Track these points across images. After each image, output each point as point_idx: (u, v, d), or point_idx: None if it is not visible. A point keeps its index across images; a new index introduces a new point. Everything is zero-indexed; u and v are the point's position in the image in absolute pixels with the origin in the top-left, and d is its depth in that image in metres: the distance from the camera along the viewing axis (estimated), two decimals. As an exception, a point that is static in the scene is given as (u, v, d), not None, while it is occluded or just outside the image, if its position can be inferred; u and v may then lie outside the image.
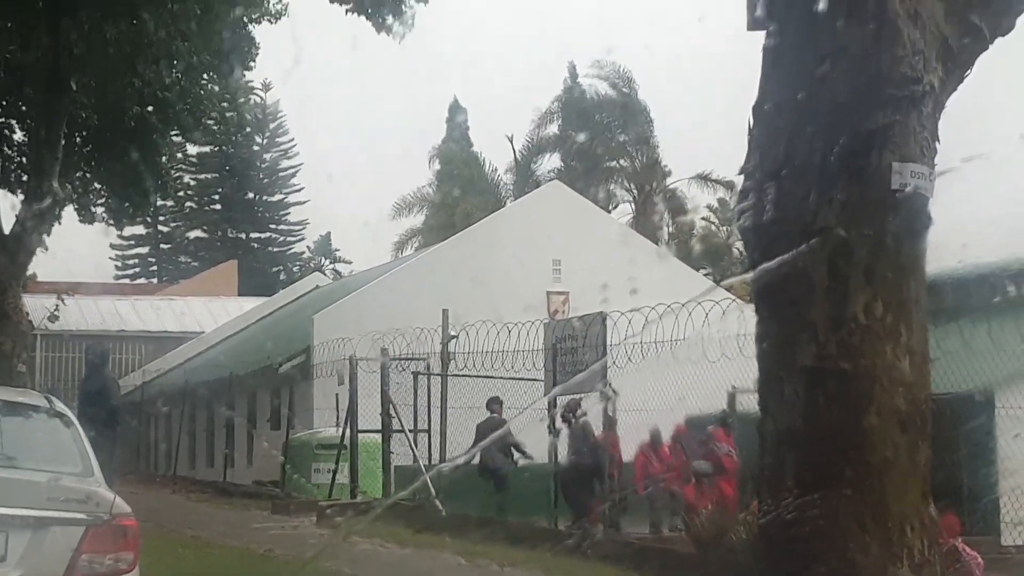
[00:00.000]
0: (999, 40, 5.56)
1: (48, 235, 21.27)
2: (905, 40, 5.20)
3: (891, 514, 4.99)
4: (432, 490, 18.35)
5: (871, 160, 5.15)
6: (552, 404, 19.74)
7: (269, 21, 24.07)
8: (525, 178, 51.32)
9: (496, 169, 54.64)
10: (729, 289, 18.98)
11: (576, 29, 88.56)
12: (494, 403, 20.34)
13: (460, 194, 51.97)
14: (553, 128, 53.01)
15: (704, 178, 49.56)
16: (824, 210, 5.18)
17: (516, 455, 20.47)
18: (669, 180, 51.31)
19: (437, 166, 56.58)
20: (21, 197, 23.01)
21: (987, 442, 16.71)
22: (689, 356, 15.65)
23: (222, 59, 23.98)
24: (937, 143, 5.33)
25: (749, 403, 18.17)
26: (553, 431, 19.40)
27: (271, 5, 23.86)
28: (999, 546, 15.96)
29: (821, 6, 5.24)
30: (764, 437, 5.40)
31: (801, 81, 5.24)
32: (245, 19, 23.41)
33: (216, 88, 25.99)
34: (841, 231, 5.13)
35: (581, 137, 50.90)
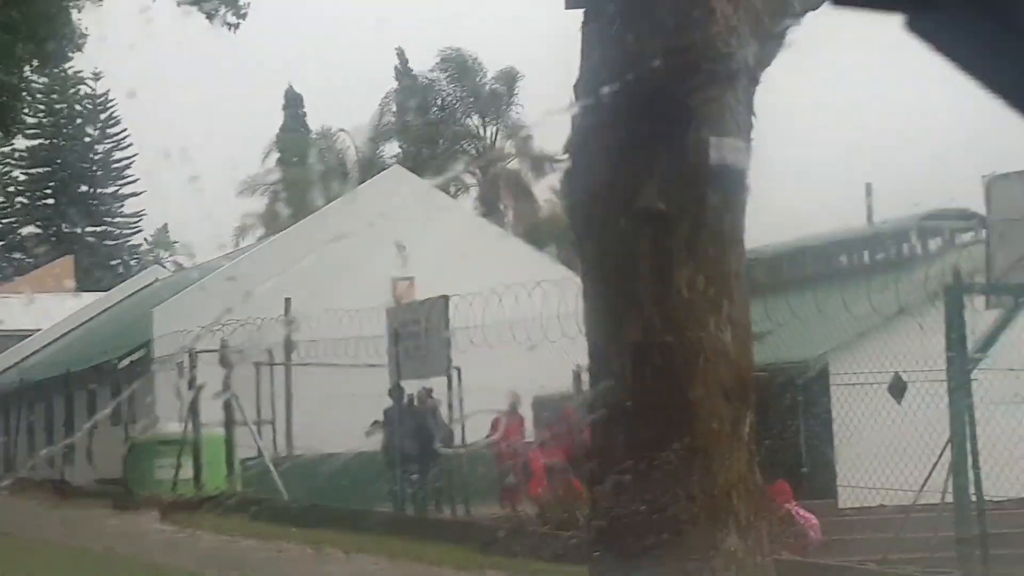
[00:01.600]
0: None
1: None
2: (719, 17, 5.29)
3: (717, 483, 5.10)
4: (277, 481, 18.15)
5: (689, 136, 5.23)
6: (396, 389, 19.62)
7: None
8: (367, 166, 50.93)
9: (339, 152, 54.12)
10: (570, 267, 19.14)
11: (409, 15, 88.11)
12: (424, 393, 19.98)
13: (301, 182, 51.37)
14: (391, 116, 52.75)
15: (547, 159, 49.77)
16: (646, 187, 5.25)
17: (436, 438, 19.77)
18: (512, 163, 51.45)
19: (276, 154, 55.87)
20: None
21: (823, 411, 17.21)
22: (530, 337, 15.72)
23: (47, 49, 23.23)
24: (753, 117, 5.43)
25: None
26: (399, 414, 19.36)
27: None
28: (837, 508, 16.47)
29: None
30: (595, 412, 5.47)
31: (617, 60, 5.29)
32: (69, 5, 22.70)
33: (43, 79, 25.23)
34: (662, 206, 5.21)
35: (420, 122, 50.73)
